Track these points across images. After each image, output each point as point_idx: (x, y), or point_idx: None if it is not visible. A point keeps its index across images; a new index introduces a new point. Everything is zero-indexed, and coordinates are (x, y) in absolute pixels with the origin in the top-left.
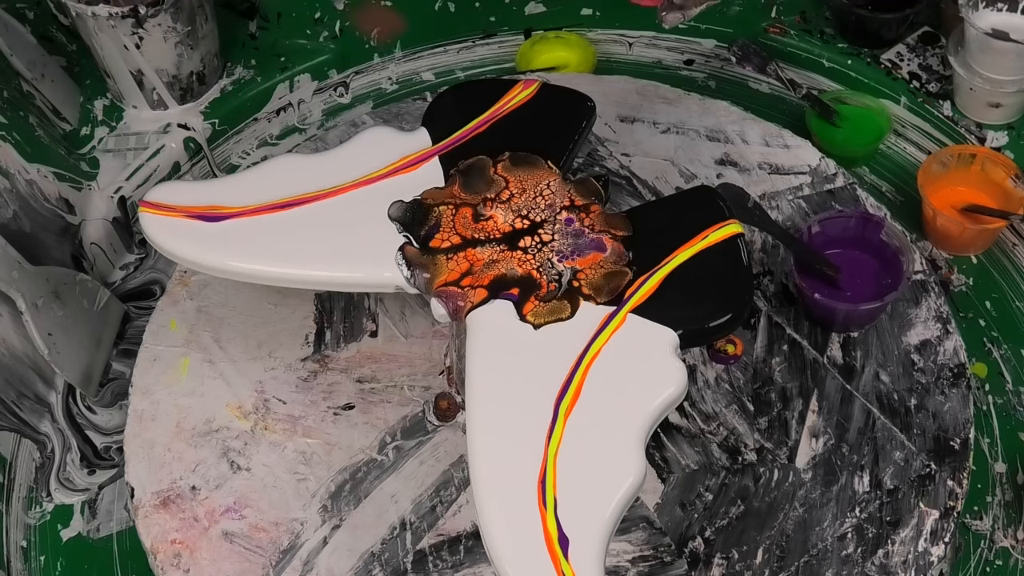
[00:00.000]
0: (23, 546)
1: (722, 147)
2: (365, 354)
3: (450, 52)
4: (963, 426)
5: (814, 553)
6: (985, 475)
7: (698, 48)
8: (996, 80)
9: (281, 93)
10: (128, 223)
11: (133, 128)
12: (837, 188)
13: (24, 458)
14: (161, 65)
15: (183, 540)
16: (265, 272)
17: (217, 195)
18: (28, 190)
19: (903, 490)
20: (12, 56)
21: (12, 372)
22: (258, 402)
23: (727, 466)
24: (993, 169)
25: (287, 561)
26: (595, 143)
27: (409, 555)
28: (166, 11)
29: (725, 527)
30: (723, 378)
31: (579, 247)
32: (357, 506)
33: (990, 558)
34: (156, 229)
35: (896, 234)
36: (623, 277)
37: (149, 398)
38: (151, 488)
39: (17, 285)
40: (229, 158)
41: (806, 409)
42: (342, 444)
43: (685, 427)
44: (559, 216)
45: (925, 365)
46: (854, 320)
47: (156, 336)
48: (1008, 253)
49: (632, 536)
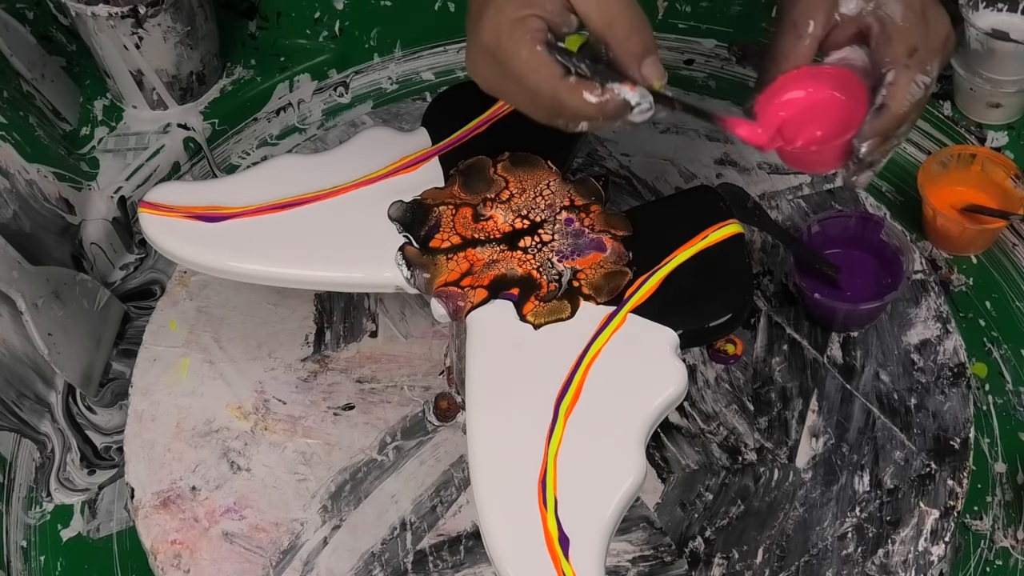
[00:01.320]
0: (23, 546)
1: (721, 147)
2: (365, 354)
3: (450, 52)
4: (963, 425)
5: (814, 553)
6: (985, 475)
7: (698, 48)
8: (996, 80)
9: (281, 93)
10: (128, 223)
11: (133, 128)
12: (836, 188)
13: (24, 458)
14: (161, 65)
15: (183, 540)
16: (265, 272)
17: (217, 195)
18: (28, 190)
19: (903, 489)
20: (12, 56)
21: (12, 372)
22: (258, 402)
23: (727, 466)
24: (993, 169)
25: (287, 561)
26: (595, 143)
27: (409, 555)
28: (166, 11)
29: (725, 527)
30: (723, 378)
31: (579, 247)
32: (357, 506)
33: (990, 558)
34: (156, 229)
35: (896, 234)
36: (623, 277)
37: (149, 398)
38: (151, 488)
39: (17, 285)
40: (229, 158)
41: (806, 409)
42: (342, 444)
43: (685, 427)
44: (559, 216)
45: (925, 365)
46: (854, 320)
47: (156, 336)
48: (1008, 253)
49: (632, 536)
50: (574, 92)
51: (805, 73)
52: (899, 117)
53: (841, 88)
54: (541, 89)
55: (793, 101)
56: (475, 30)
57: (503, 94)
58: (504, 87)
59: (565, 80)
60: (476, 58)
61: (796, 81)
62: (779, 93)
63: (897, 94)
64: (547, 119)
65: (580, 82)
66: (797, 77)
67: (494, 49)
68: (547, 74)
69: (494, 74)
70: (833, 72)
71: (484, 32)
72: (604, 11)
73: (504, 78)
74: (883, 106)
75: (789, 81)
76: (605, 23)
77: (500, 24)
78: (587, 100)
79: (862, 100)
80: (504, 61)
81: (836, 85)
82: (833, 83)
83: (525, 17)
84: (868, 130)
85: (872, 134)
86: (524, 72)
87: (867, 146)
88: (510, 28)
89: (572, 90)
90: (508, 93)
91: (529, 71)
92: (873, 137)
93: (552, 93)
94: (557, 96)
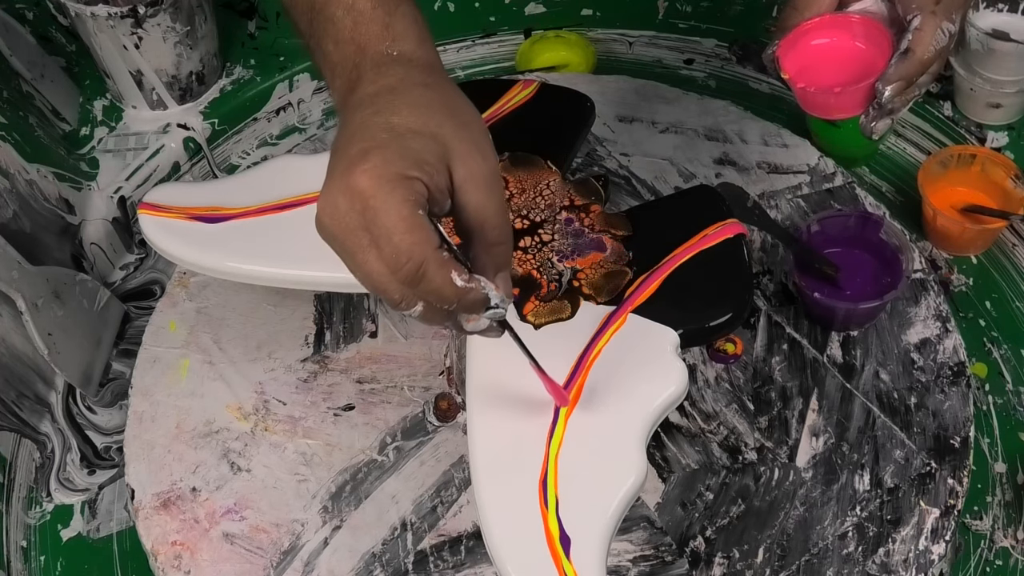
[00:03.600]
0: (23, 546)
1: (721, 146)
2: (365, 355)
3: (450, 52)
4: (963, 424)
5: (815, 552)
6: (985, 475)
7: (698, 48)
8: (996, 80)
9: (281, 93)
10: (128, 223)
11: (133, 128)
12: (836, 187)
13: (24, 458)
14: (160, 65)
15: (184, 541)
16: (265, 273)
17: (216, 196)
18: (28, 190)
19: (903, 488)
20: (12, 56)
21: (12, 372)
22: (258, 403)
23: (727, 465)
24: (993, 169)
25: (288, 562)
26: (594, 143)
27: (410, 555)
28: (165, 11)
29: (726, 526)
30: (723, 377)
31: (579, 247)
32: (358, 507)
33: (990, 558)
34: (155, 231)
35: (895, 233)
36: (623, 277)
37: (149, 399)
38: (151, 490)
39: (17, 285)
40: (229, 158)
41: (806, 408)
42: (342, 445)
43: (685, 426)
44: (559, 216)
45: (925, 364)
46: (854, 319)
47: (155, 337)
48: (1008, 253)
49: (633, 536)
50: (443, 268)
51: (828, 21)
52: (924, 63)
53: (864, 36)
54: (411, 253)
55: (816, 47)
56: (348, 172)
57: (351, 247)
58: (356, 240)
59: (438, 252)
60: (337, 199)
61: (820, 28)
62: (803, 39)
63: (923, 39)
64: (393, 287)
65: (452, 260)
66: (820, 24)
67: (367, 197)
68: (422, 239)
69: (352, 223)
70: (857, 20)
71: (360, 178)
72: (481, 210)
73: (362, 230)
74: (908, 50)
75: (812, 28)
76: (478, 221)
77: (384, 175)
78: (452, 280)
79: (885, 48)
80: (376, 213)
81: (859, 33)
82: (856, 30)
83: (412, 178)
84: (893, 74)
85: (896, 78)
86: (396, 231)
87: (890, 90)
88: (393, 182)
89: (442, 265)
90: (359, 248)
91: (403, 231)
92: (897, 81)
93: (420, 260)
94: (425, 266)
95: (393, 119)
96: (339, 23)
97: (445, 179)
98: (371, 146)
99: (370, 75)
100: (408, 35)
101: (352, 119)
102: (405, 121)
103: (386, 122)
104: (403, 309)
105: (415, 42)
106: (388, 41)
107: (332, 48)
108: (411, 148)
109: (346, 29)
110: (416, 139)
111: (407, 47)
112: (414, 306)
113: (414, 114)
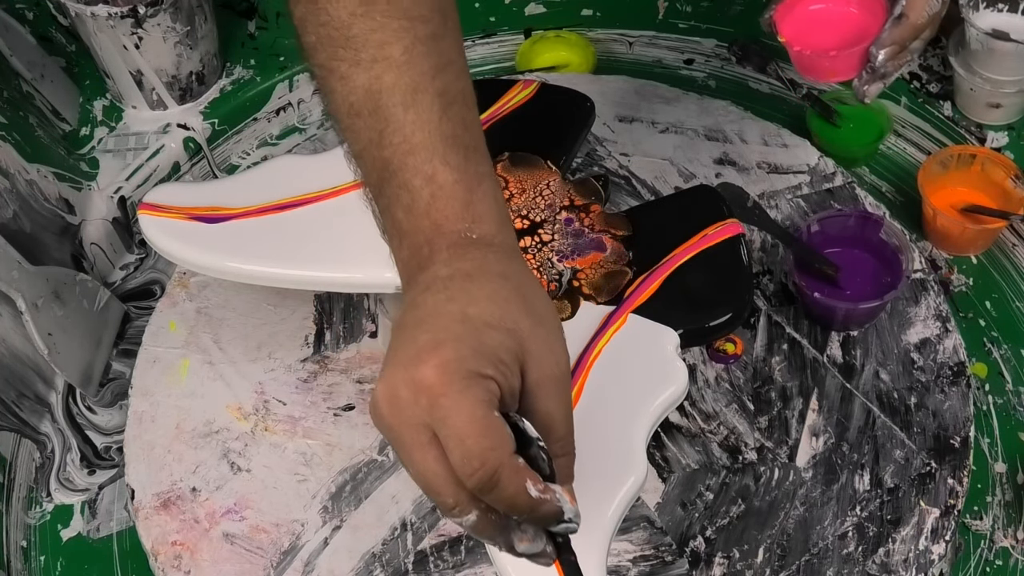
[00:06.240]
0: (23, 546)
1: (721, 146)
2: (365, 355)
3: None
4: (963, 424)
5: (815, 552)
6: (985, 475)
7: (698, 48)
8: (996, 80)
9: (281, 93)
10: (128, 223)
11: (133, 128)
12: (836, 187)
13: (24, 458)
14: (160, 65)
15: (184, 541)
16: (265, 273)
17: (216, 196)
18: (28, 190)
19: (903, 488)
20: (12, 56)
21: (12, 372)
22: (258, 403)
23: (728, 465)
24: (993, 169)
25: (288, 562)
26: (594, 143)
27: (410, 555)
28: (165, 11)
29: (726, 526)
30: (723, 377)
31: (579, 247)
32: (358, 507)
33: (990, 558)
34: (155, 231)
35: (895, 232)
36: (623, 277)
37: (149, 400)
38: (151, 490)
39: (17, 285)
40: (229, 158)
41: (806, 408)
42: (342, 445)
43: (685, 426)
44: (559, 216)
45: (925, 363)
46: (853, 319)
47: (155, 338)
48: (1008, 253)
49: (633, 536)
50: (518, 475)
51: None
52: (917, 27)
53: (858, 2)
54: (484, 459)
55: (813, 12)
56: (416, 363)
57: (409, 444)
58: (416, 436)
59: (515, 458)
60: (399, 389)
61: None
62: (800, 3)
63: (917, 4)
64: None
65: (527, 468)
66: None
67: (437, 395)
68: (497, 444)
69: (414, 417)
70: None
71: (429, 371)
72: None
73: (424, 427)
74: (902, 15)
75: None
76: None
77: (457, 371)
78: (527, 489)
79: (879, 13)
80: (446, 412)
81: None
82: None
83: (487, 377)
84: (887, 38)
85: (890, 42)
86: (470, 434)
87: (884, 54)
88: (466, 379)
89: (517, 472)
90: (417, 446)
91: (477, 434)
92: (891, 45)
93: (494, 467)
94: (499, 471)
95: (469, 310)
96: (415, 193)
97: (518, 380)
98: (444, 338)
99: (444, 255)
100: (489, 217)
101: (423, 302)
102: (482, 314)
103: (461, 312)
104: (454, 516)
105: (496, 225)
106: (468, 222)
107: (403, 216)
108: (487, 345)
109: (422, 201)
110: (493, 335)
111: (487, 230)
112: (467, 514)
113: (491, 307)
